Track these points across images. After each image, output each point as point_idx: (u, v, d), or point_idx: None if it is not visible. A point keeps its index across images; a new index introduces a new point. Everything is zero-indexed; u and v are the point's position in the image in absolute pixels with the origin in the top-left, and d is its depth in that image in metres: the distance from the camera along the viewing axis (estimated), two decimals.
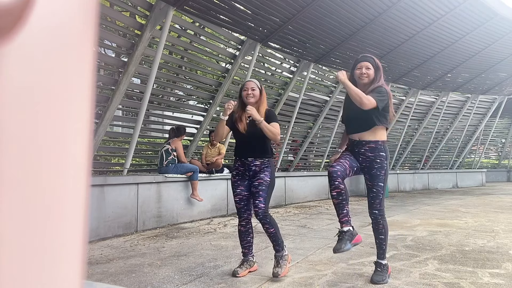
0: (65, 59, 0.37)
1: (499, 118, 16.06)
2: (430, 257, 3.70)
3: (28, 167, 0.34)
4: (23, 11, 0.32)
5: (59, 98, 0.37)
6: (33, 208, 0.34)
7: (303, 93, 8.80)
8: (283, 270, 3.07)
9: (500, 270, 3.25)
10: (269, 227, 3.12)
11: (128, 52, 5.65)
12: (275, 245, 3.16)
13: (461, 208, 7.68)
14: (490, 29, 8.60)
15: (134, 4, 5.85)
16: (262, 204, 3.10)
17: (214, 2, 5.92)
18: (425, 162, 14.22)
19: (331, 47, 8.07)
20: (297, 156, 9.79)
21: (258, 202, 3.11)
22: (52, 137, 0.36)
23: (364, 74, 2.97)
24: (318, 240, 4.61)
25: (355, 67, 3.04)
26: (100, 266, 3.53)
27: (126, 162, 5.82)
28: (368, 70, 2.98)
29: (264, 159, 3.22)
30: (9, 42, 0.31)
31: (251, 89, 3.23)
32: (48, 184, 0.36)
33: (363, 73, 2.97)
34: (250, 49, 7.10)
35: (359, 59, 3.08)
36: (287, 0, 6.23)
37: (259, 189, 3.14)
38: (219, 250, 4.11)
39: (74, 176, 0.39)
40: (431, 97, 12.50)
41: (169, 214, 5.92)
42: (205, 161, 6.93)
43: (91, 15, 0.40)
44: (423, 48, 8.88)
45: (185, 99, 10.10)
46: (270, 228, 3.13)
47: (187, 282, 3.04)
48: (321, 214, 6.98)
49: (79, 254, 0.40)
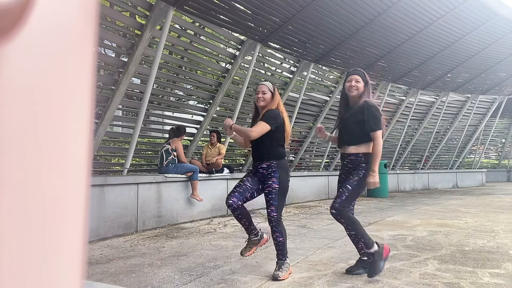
0: (65, 59, 0.37)
1: (499, 118, 16.07)
2: (430, 257, 3.70)
3: (28, 167, 0.34)
4: (23, 11, 0.32)
5: (59, 98, 0.37)
6: (33, 208, 0.34)
7: (303, 93, 8.81)
8: (283, 274, 3.08)
9: (500, 270, 3.25)
10: (278, 236, 3.16)
11: (128, 52, 5.65)
12: (279, 254, 3.17)
13: (461, 208, 7.68)
14: (490, 29, 8.60)
15: (134, 4, 5.85)
16: (274, 213, 3.16)
17: (214, 2, 5.92)
18: (425, 162, 14.22)
19: (331, 47, 8.07)
20: (297, 156, 9.80)
21: (270, 211, 3.17)
22: (52, 137, 0.36)
23: (353, 87, 3.13)
24: (318, 240, 4.61)
25: (346, 79, 3.22)
26: (100, 266, 3.53)
27: (126, 162, 5.82)
28: (358, 83, 3.13)
29: (271, 162, 3.20)
30: (9, 42, 0.31)
31: (262, 92, 3.26)
32: (48, 184, 0.36)
33: (352, 86, 3.13)
34: (250, 49, 7.10)
35: (350, 72, 3.24)
36: (287, 0, 6.23)
37: (269, 197, 3.18)
38: (219, 250, 4.11)
39: (74, 176, 0.39)
40: (431, 97, 12.50)
41: (169, 214, 5.93)
42: (205, 161, 6.93)
43: (91, 15, 0.40)
44: (423, 48, 8.88)
45: (185, 99, 10.10)
46: (279, 237, 3.17)
47: (187, 282, 3.04)
48: (321, 214, 6.98)
49: (79, 254, 0.40)
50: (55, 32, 0.36)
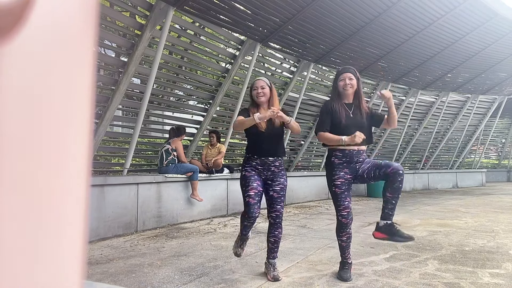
0: (65, 59, 0.37)
1: (499, 118, 16.07)
2: (430, 257, 3.70)
3: (28, 167, 0.34)
4: (23, 10, 0.32)
5: (59, 98, 0.37)
6: (33, 208, 0.34)
7: (303, 93, 8.81)
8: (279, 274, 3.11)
9: (500, 270, 3.25)
10: (280, 232, 3.20)
11: (128, 52, 5.65)
12: (274, 252, 3.19)
13: (461, 208, 7.68)
14: (490, 29, 8.60)
15: (134, 4, 5.85)
16: (282, 209, 3.20)
17: (214, 2, 5.92)
18: (425, 162, 14.22)
19: (331, 47, 8.07)
20: (297, 156, 9.80)
21: (280, 207, 3.17)
22: (52, 137, 0.36)
23: (348, 85, 3.12)
24: (318, 240, 4.61)
25: (338, 79, 3.18)
26: (100, 266, 3.53)
27: (126, 162, 5.82)
28: (351, 80, 3.13)
29: (282, 159, 3.24)
30: (9, 42, 0.31)
31: (260, 87, 3.18)
32: (48, 184, 0.36)
33: (347, 84, 3.12)
34: (250, 49, 7.10)
35: (341, 71, 3.22)
36: (287, 0, 6.23)
37: (281, 194, 3.18)
38: (219, 250, 4.11)
39: (74, 176, 0.39)
40: (431, 97, 12.50)
41: (169, 214, 5.92)
42: (205, 161, 6.93)
43: (91, 15, 0.40)
44: (423, 48, 8.88)
45: (185, 99, 10.10)
46: (280, 234, 3.20)
47: (187, 282, 3.04)
48: (321, 214, 6.98)
49: (79, 254, 0.40)
50: (55, 32, 0.36)
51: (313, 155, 11.02)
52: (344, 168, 3.06)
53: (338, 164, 3.07)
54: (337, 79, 3.18)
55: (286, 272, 3.29)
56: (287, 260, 3.66)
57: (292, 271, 3.28)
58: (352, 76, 3.14)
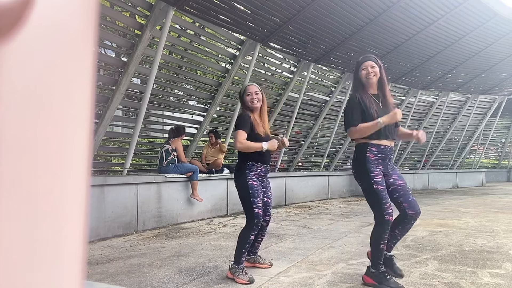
0: (65, 59, 0.37)
1: (499, 118, 16.07)
2: (430, 257, 3.70)
3: (28, 167, 0.34)
4: (23, 11, 0.32)
5: (59, 98, 0.37)
6: (33, 208, 0.34)
7: (303, 93, 8.81)
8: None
9: (500, 270, 3.25)
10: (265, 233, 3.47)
11: (128, 52, 5.65)
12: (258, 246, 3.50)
13: (461, 208, 7.68)
14: (490, 29, 8.60)
15: (134, 4, 5.85)
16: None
17: (214, 2, 5.92)
18: (425, 162, 14.22)
19: (331, 47, 8.07)
20: (297, 156, 9.80)
21: (271, 211, 3.43)
22: (52, 137, 0.36)
23: (371, 73, 2.97)
24: (318, 240, 4.61)
25: (360, 69, 3.02)
26: (100, 266, 3.53)
27: (126, 162, 5.82)
28: (373, 68, 2.98)
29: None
30: (9, 42, 0.31)
31: (254, 93, 3.22)
32: (48, 184, 0.36)
33: (370, 72, 2.97)
34: (250, 49, 7.10)
35: (361, 60, 3.06)
36: (287, 0, 6.23)
37: (271, 199, 3.43)
38: (219, 250, 4.11)
39: (74, 176, 0.39)
40: (431, 97, 12.50)
41: (169, 214, 5.92)
42: (205, 161, 6.93)
43: (91, 15, 0.39)
44: (423, 48, 8.88)
45: (185, 99, 10.11)
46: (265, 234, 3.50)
47: (187, 282, 3.04)
48: (321, 214, 6.98)
49: (79, 254, 0.40)
50: (55, 32, 0.36)
51: (313, 155, 11.02)
52: (379, 165, 2.90)
53: (374, 160, 2.88)
54: (359, 70, 3.02)
55: (286, 272, 3.29)
56: (287, 260, 3.66)
57: (292, 271, 3.28)
58: (374, 64, 2.99)
